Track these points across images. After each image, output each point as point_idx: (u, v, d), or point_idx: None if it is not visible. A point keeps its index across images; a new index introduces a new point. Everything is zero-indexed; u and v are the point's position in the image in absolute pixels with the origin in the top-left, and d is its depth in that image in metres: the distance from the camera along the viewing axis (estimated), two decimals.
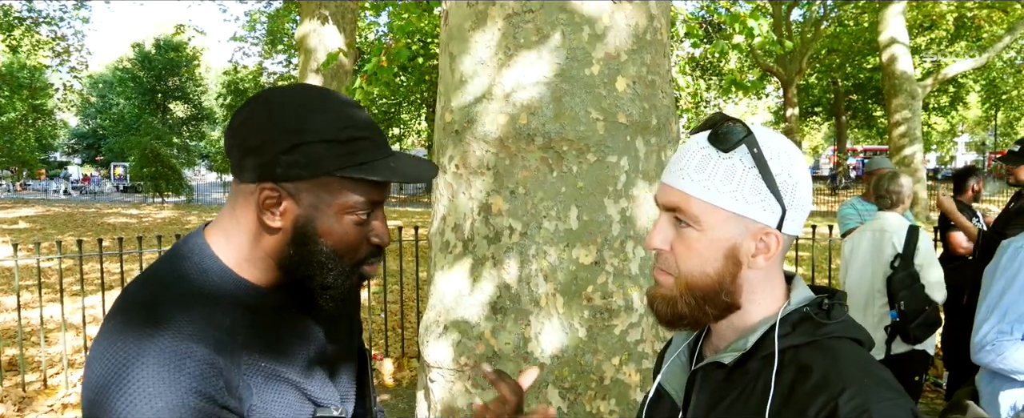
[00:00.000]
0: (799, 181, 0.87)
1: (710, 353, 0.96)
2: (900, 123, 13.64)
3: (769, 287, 0.91)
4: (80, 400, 0.84)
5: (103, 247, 5.04)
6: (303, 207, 0.89)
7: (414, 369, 5.39)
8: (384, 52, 5.34)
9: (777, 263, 0.90)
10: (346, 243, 0.92)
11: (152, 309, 0.85)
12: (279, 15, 21.26)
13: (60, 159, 50.40)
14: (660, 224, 0.91)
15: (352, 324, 1.14)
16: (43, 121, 36.36)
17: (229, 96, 27.56)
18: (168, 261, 0.94)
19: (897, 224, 3.49)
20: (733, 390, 0.89)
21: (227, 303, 0.91)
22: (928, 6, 18.50)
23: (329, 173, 0.87)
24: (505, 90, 2.05)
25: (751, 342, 0.88)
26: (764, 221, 0.86)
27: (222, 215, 0.96)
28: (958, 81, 28.54)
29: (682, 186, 0.87)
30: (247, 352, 0.90)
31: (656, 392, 1.02)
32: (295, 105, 0.88)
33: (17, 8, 19.82)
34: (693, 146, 0.88)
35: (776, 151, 0.86)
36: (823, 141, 54.66)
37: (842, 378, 0.79)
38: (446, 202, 2.21)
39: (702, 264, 0.87)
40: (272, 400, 0.92)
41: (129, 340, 0.82)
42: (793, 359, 0.85)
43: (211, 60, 56.23)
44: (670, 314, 0.90)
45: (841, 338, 0.86)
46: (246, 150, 0.88)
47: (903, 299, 3.34)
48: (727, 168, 0.85)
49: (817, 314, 0.87)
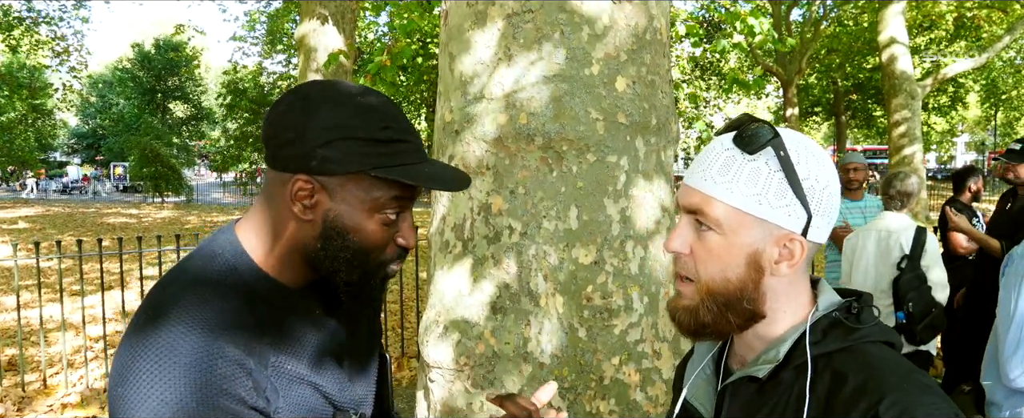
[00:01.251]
0: (827, 186, 0.84)
1: (736, 365, 0.94)
2: (900, 123, 13.64)
3: (794, 294, 0.88)
4: (107, 396, 0.84)
5: (103, 247, 5.03)
6: (335, 201, 0.89)
7: (414, 369, 5.39)
8: (387, 51, 5.34)
9: (802, 270, 0.87)
10: (373, 242, 0.92)
11: (183, 309, 0.85)
12: (279, 15, 21.25)
13: (60, 159, 50.40)
14: (680, 227, 0.88)
15: (372, 327, 1.15)
16: (43, 121, 36.34)
17: (229, 96, 27.51)
18: (199, 258, 0.94)
19: (904, 224, 3.48)
20: (766, 403, 0.86)
21: (256, 303, 0.91)
22: (928, 6, 18.50)
23: (364, 171, 0.87)
24: (505, 90, 2.05)
25: (783, 352, 0.85)
26: (789, 227, 0.83)
27: (254, 208, 0.97)
28: (958, 81, 28.53)
29: (704, 188, 0.84)
30: (274, 353, 0.90)
31: (682, 408, 0.98)
32: (338, 101, 0.88)
33: (17, 8, 19.82)
34: (717, 147, 0.86)
35: (804, 154, 0.83)
36: (823, 141, 54.69)
37: (881, 384, 0.77)
38: (446, 202, 2.21)
39: (723, 269, 0.84)
40: (296, 403, 0.92)
41: (161, 339, 0.82)
42: (827, 367, 0.82)
43: (211, 60, 56.23)
44: (693, 324, 0.87)
45: (874, 342, 0.84)
46: (284, 141, 0.88)
47: (911, 301, 3.33)
48: (752, 171, 0.82)
49: (847, 319, 0.85)
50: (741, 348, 0.92)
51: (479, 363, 2.05)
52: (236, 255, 0.93)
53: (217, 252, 0.94)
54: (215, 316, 0.85)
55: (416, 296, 5.60)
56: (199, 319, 0.84)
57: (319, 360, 0.98)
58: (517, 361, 2.02)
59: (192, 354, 0.81)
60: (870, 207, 4.42)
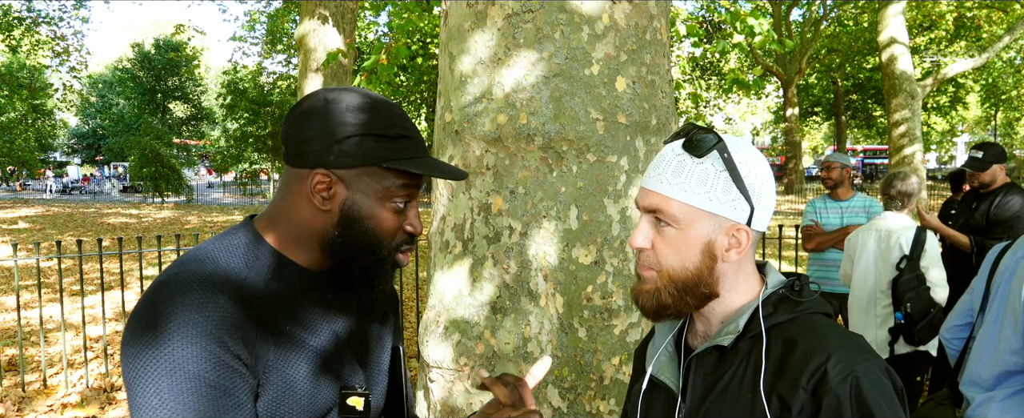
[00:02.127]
0: (764, 182, 0.97)
1: (697, 342, 1.06)
2: (900, 123, 13.65)
3: (743, 276, 1.01)
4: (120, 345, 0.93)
5: (103, 247, 5.03)
6: (351, 192, 0.99)
7: (414, 369, 5.39)
8: (384, 51, 5.35)
9: (749, 256, 1.01)
10: (385, 228, 1.01)
11: (197, 265, 0.94)
12: (279, 15, 21.24)
13: (60, 159, 50.39)
14: (642, 225, 1.00)
15: (387, 320, 1.21)
16: (43, 121, 36.32)
17: (229, 96, 27.49)
18: (218, 237, 1.02)
19: (903, 225, 3.47)
20: (726, 370, 0.98)
21: (263, 270, 0.99)
22: (928, 6, 18.50)
23: (376, 163, 0.98)
24: (505, 90, 2.05)
25: (742, 323, 0.97)
26: (735, 218, 0.96)
27: (272, 204, 1.05)
28: (958, 81, 28.54)
29: (661, 189, 0.97)
30: (272, 313, 0.97)
31: (649, 383, 1.09)
32: (351, 104, 0.99)
33: (17, 8, 19.81)
34: (669, 153, 0.98)
35: (743, 156, 0.96)
36: (823, 141, 54.67)
37: (826, 347, 0.91)
38: (446, 202, 2.21)
39: (682, 259, 0.97)
40: (293, 362, 0.97)
41: (166, 288, 0.91)
42: (778, 335, 0.96)
43: (211, 60, 56.22)
44: (656, 305, 0.98)
45: (814, 314, 0.98)
46: (304, 140, 0.98)
47: (910, 301, 3.32)
48: (701, 172, 0.95)
49: (792, 294, 0.99)
50: (701, 325, 1.05)
51: (479, 363, 2.05)
52: (252, 236, 1.02)
53: (235, 232, 1.03)
54: (221, 274, 0.94)
55: (416, 296, 5.60)
56: (206, 274, 0.93)
57: (322, 330, 1.03)
58: (517, 361, 2.02)
59: (188, 298, 0.89)
60: (853, 207, 4.41)
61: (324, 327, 1.04)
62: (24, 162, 29.14)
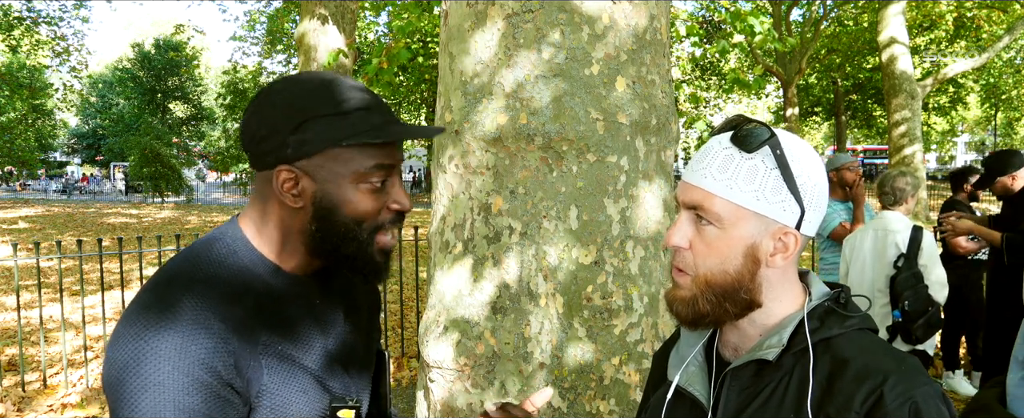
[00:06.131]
0: (817, 184, 0.89)
1: (729, 353, 0.97)
2: (900, 123, 13.65)
3: (788, 284, 0.93)
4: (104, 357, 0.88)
5: (103, 247, 5.03)
6: (319, 182, 0.93)
7: (414, 369, 5.39)
8: (384, 53, 5.35)
9: (794, 262, 0.92)
10: (363, 210, 0.95)
11: (180, 284, 0.90)
12: (279, 15, 21.23)
13: (60, 159, 50.39)
14: (680, 222, 0.91)
15: (372, 323, 1.18)
16: (43, 121, 36.33)
17: (229, 96, 27.53)
18: (203, 242, 0.99)
19: (900, 223, 3.48)
20: (765, 386, 0.90)
21: (253, 284, 0.95)
22: (928, 6, 18.50)
23: (336, 144, 0.91)
24: (505, 90, 2.05)
25: (786, 337, 0.89)
26: (784, 221, 0.88)
27: (250, 205, 1.01)
28: (958, 81, 28.53)
29: (705, 185, 0.88)
30: (265, 333, 0.93)
31: (674, 394, 1.00)
32: (296, 90, 0.94)
33: (17, 8, 19.81)
34: (716, 146, 0.90)
35: (797, 153, 0.88)
36: (823, 141, 54.68)
37: (882, 368, 0.83)
38: (446, 202, 2.21)
39: (722, 262, 0.88)
40: (285, 382, 0.95)
41: (152, 311, 0.87)
42: (825, 351, 0.87)
43: (211, 60, 56.20)
44: (692, 314, 0.90)
45: (862, 330, 0.90)
46: (259, 139, 0.93)
47: (907, 299, 3.33)
48: (750, 168, 0.87)
49: (839, 308, 0.90)
50: (734, 336, 0.96)
51: (479, 363, 2.05)
52: (236, 240, 0.98)
53: (219, 237, 0.99)
54: (207, 292, 0.90)
55: (416, 296, 5.60)
56: (191, 295, 0.88)
57: (314, 346, 1.00)
58: (517, 361, 2.02)
59: (178, 325, 0.85)
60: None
61: (316, 341, 1.00)
62: (24, 162, 29.14)
